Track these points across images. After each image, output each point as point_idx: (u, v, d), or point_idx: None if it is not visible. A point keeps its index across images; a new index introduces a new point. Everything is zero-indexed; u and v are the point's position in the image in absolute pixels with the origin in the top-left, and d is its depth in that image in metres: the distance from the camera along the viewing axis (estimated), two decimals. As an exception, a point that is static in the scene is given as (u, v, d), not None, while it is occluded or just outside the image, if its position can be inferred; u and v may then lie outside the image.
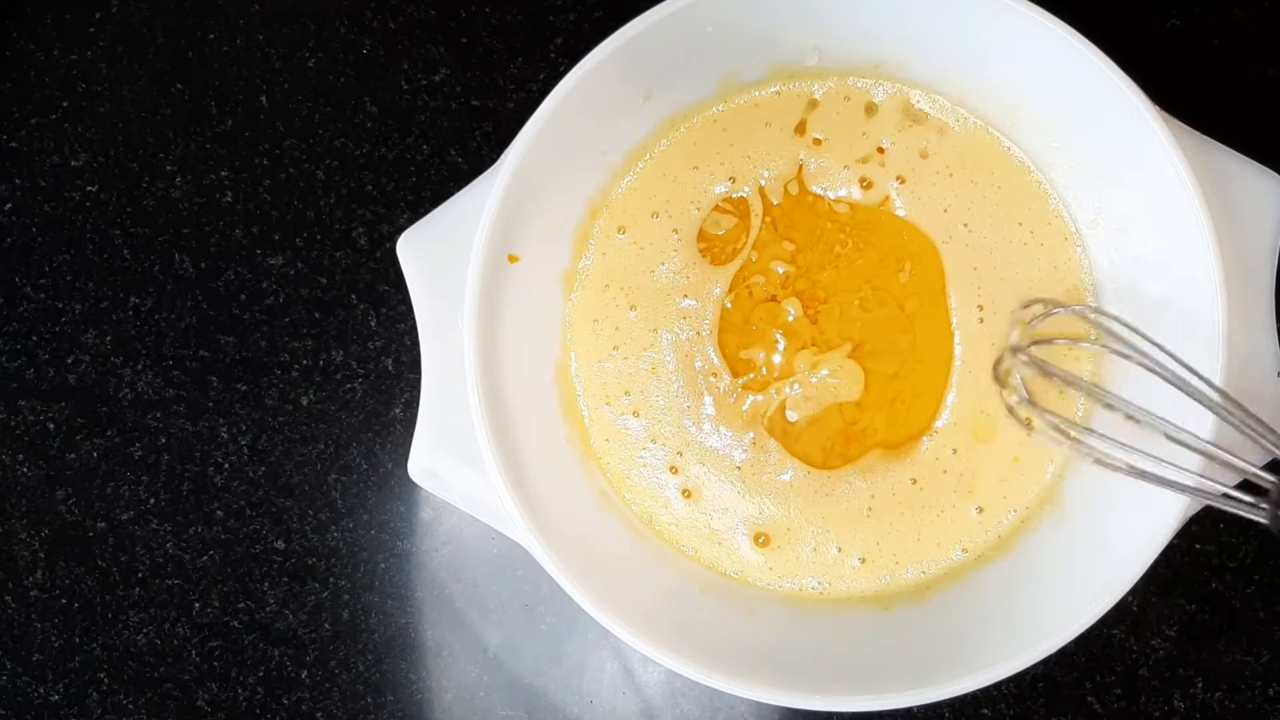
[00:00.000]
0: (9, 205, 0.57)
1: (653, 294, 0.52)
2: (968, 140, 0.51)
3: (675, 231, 0.52)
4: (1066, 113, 0.48)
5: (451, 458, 0.46)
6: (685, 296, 0.52)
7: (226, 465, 0.56)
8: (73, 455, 0.56)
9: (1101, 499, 0.49)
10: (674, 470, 0.51)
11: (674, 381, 0.52)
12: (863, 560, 0.51)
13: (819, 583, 0.51)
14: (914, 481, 0.51)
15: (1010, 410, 0.48)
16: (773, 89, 0.52)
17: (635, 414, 0.51)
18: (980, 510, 0.51)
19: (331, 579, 0.55)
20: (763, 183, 0.52)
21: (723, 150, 0.52)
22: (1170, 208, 0.45)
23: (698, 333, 0.52)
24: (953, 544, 0.51)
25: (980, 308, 0.51)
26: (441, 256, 0.47)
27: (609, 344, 0.52)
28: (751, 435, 0.51)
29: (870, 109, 0.52)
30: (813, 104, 0.52)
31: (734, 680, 0.45)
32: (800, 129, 0.52)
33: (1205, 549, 0.55)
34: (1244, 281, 0.45)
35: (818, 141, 0.52)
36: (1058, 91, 0.47)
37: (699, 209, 0.52)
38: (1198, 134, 0.47)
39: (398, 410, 0.56)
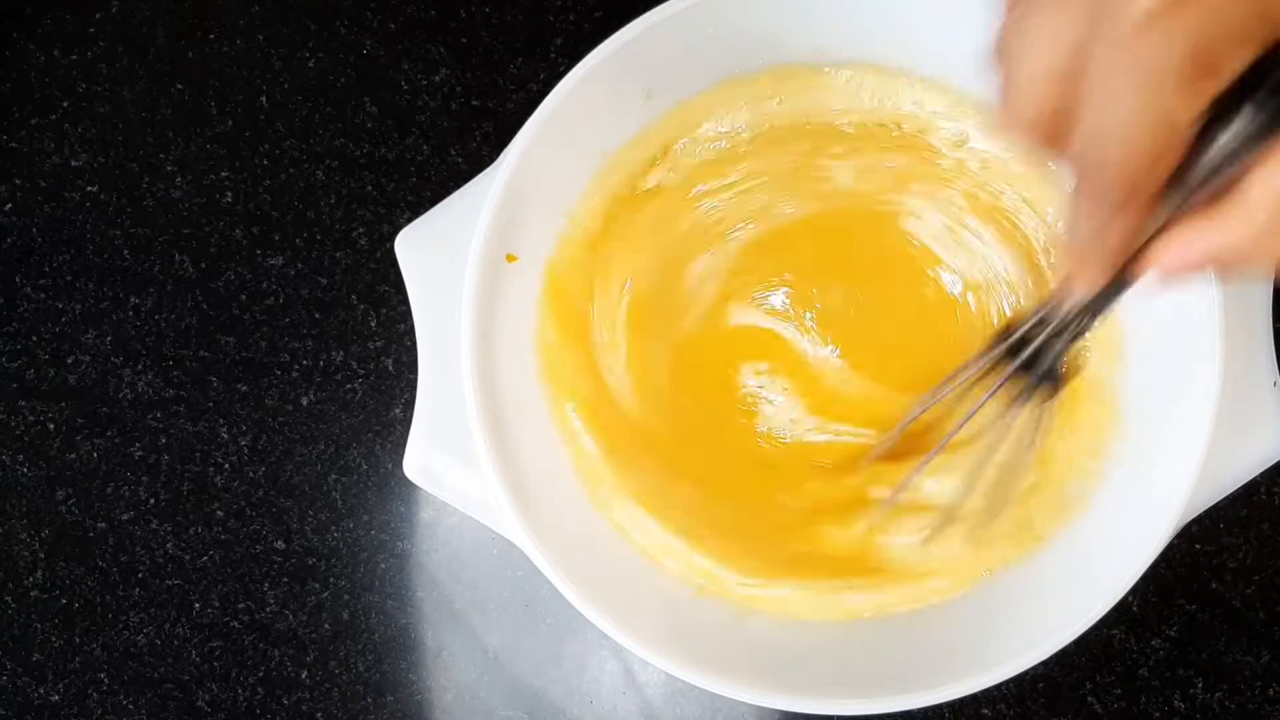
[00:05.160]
0: (9, 205, 0.57)
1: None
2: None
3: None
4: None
5: (447, 455, 0.46)
6: None
7: (226, 465, 0.56)
8: (73, 455, 0.56)
9: (1101, 499, 0.49)
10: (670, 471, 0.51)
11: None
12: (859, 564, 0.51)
13: (815, 586, 0.51)
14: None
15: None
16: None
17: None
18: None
19: (331, 579, 0.55)
20: None
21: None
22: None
23: None
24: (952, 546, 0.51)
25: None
26: (440, 255, 0.47)
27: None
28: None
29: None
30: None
31: (728, 683, 0.45)
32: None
33: (1205, 549, 0.55)
34: (1241, 291, 0.45)
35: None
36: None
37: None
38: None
39: (398, 410, 0.56)
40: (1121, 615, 0.54)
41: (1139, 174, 0.30)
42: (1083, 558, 0.48)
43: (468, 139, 0.56)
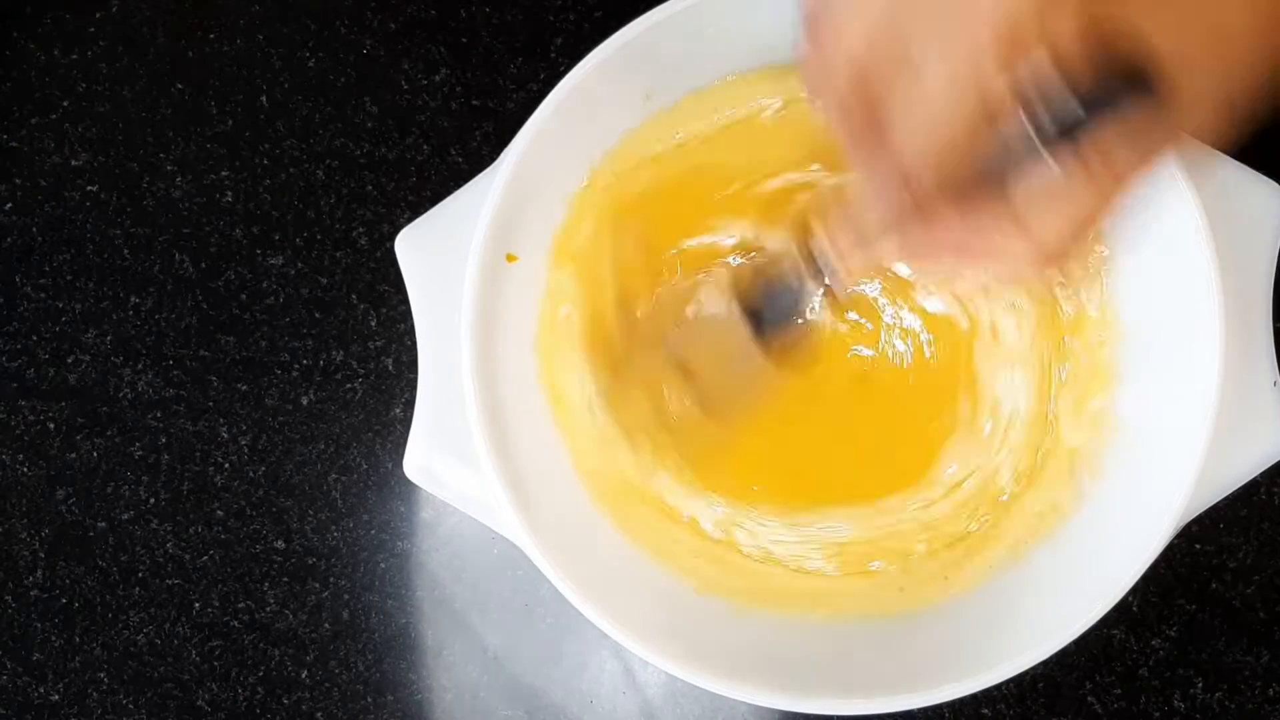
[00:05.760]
0: (9, 205, 0.57)
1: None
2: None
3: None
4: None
5: (447, 455, 0.46)
6: None
7: (226, 465, 0.56)
8: (73, 455, 0.56)
9: (1100, 499, 0.49)
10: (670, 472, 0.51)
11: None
12: (859, 566, 0.51)
13: (816, 586, 0.51)
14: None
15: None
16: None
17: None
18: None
19: (331, 579, 0.55)
20: None
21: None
22: (1168, 216, 0.45)
23: None
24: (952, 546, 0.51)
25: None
26: (440, 255, 0.47)
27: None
28: None
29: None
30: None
31: (728, 683, 0.45)
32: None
33: (1205, 549, 0.55)
34: (1242, 290, 0.45)
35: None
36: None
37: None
38: (1196, 142, 0.46)
39: (398, 410, 0.56)
40: (1121, 615, 0.54)
41: (948, 153, 0.29)
42: (1083, 557, 0.48)
43: (468, 139, 0.56)
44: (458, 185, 0.48)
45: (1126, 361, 0.49)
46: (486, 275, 0.46)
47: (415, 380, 0.46)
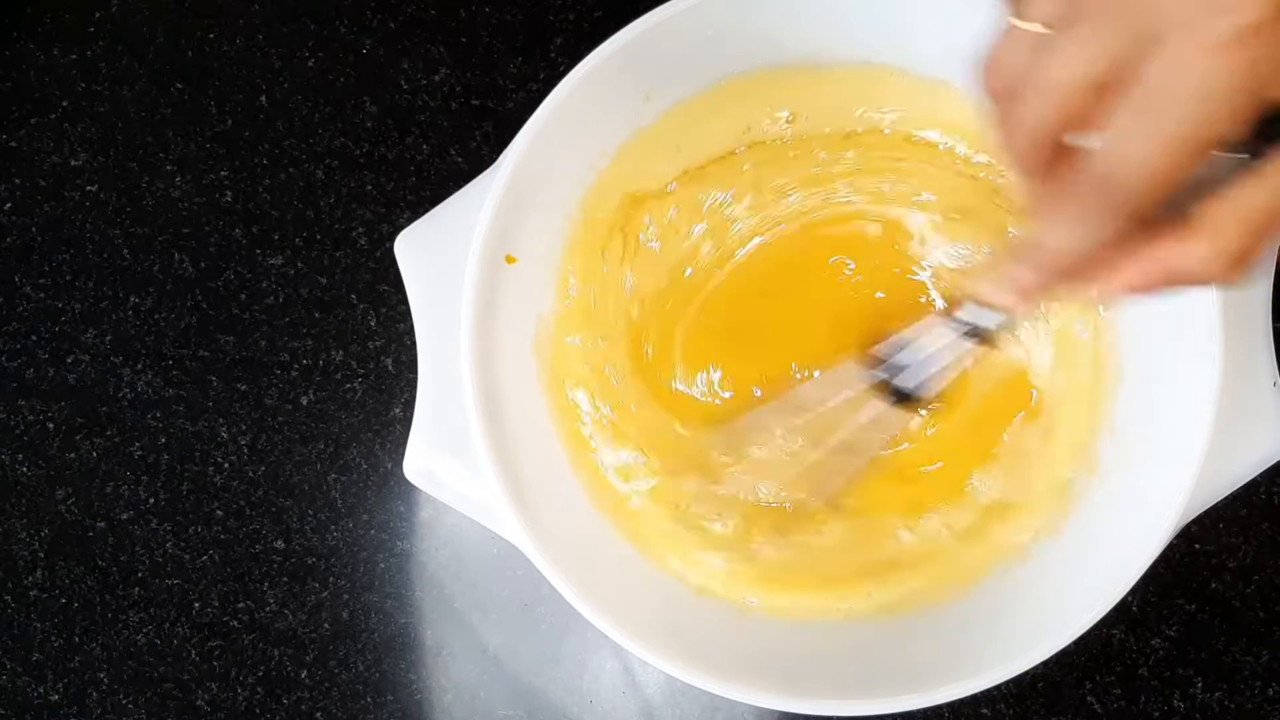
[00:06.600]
0: (9, 205, 0.57)
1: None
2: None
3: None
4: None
5: (447, 457, 0.46)
6: None
7: (226, 465, 0.56)
8: (73, 455, 0.56)
9: (1100, 499, 0.49)
10: (670, 474, 0.51)
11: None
12: (859, 565, 0.51)
13: (815, 588, 0.51)
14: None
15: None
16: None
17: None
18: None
19: (331, 579, 0.55)
20: None
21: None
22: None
23: None
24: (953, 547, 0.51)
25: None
26: (439, 256, 0.47)
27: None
28: None
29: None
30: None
31: (728, 683, 0.45)
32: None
33: (1205, 549, 0.55)
34: (1240, 291, 0.45)
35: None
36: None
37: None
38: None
39: (397, 410, 0.56)
40: (1121, 615, 0.54)
41: (1150, 195, 0.29)
42: (1083, 558, 0.48)
43: (468, 139, 0.56)
44: (458, 185, 0.48)
45: (1126, 361, 0.49)
46: (486, 276, 0.46)
47: (415, 380, 0.46)
